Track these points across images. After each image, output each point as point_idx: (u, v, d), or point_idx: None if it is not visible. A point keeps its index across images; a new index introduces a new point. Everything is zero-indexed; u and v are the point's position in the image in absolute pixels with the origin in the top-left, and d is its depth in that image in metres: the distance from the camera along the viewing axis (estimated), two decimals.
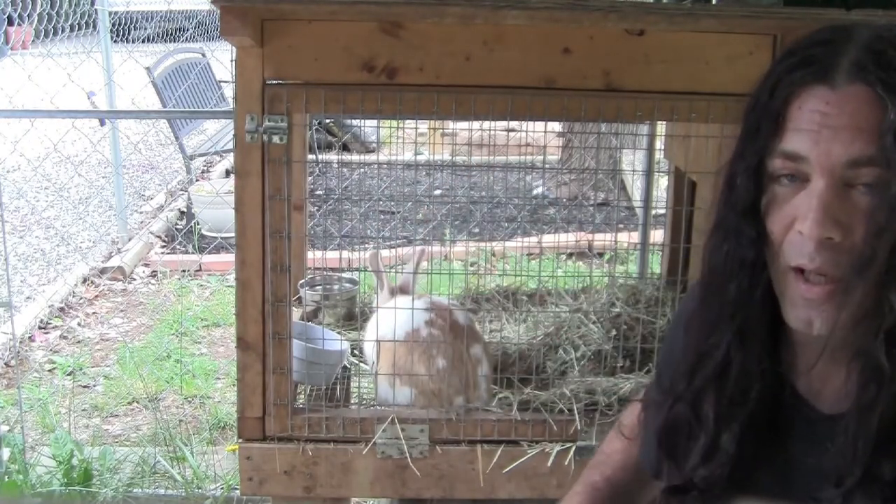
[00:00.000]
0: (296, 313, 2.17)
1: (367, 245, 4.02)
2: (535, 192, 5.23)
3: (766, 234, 0.89)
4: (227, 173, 6.42)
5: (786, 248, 0.86)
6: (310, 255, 2.52)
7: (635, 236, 3.26)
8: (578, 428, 1.74)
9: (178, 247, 5.09)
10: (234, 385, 2.44)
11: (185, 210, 5.63)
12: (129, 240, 5.17)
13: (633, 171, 4.71)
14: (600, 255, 4.45)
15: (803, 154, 0.83)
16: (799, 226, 0.84)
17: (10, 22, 6.62)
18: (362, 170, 3.68)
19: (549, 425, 1.74)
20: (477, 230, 4.75)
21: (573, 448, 1.73)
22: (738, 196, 0.90)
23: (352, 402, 1.95)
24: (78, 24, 6.17)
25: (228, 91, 6.36)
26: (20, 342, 3.75)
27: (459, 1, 1.48)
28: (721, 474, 0.95)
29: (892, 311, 0.80)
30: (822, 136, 0.82)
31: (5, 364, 3.61)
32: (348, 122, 6.37)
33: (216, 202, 4.68)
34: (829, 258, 0.83)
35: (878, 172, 0.81)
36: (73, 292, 4.43)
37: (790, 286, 0.87)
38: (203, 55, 6.61)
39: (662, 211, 2.99)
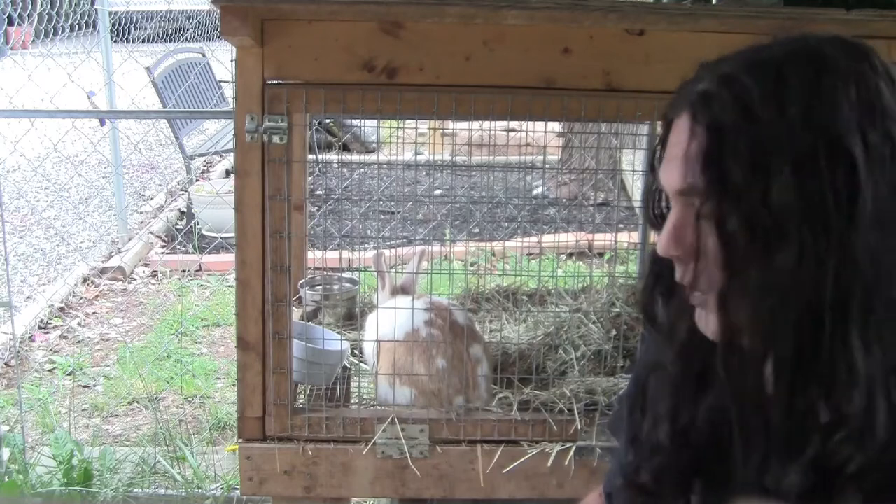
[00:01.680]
0: (296, 313, 2.17)
1: (367, 245, 4.02)
2: (535, 192, 5.23)
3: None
4: (227, 173, 6.42)
5: None
6: (310, 255, 2.52)
7: (635, 236, 3.25)
8: (578, 428, 1.74)
9: (178, 247, 5.09)
10: (234, 385, 2.44)
11: (185, 210, 5.62)
12: (129, 240, 5.17)
13: (633, 171, 4.70)
14: (600, 255, 4.45)
15: (660, 182, 0.91)
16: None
17: (10, 22, 6.62)
18: (362, 170, 3.68)
19: (549, 425, 1.74)
20: (477, 230, 4.75)
21: (573, 448, 1.73)
22: (648, 213, 0.97)
23: (352, 402, 1.95)
24: (78, 24, 6.17)
25: (228, 91, 6.36)
26: (20, 342, 3.76)
27: (459, 1, 1.48)
28: (664, 466, 0.98)
29: (722, 326, 0.85)
30: (667, 166, 0.88)
31: (5, 364, 3.61)
32: (348, 122, 6.37)
33: (216, 202, 4.68)
34: (682, 272, 0.88)
35: (698, 199, 0.84)
36: (73, 292, 4.43)
37: None
38: (203, 55, 6.61)
39: None
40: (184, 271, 4.69)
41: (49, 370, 3.66)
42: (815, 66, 0.81)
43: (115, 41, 5.85)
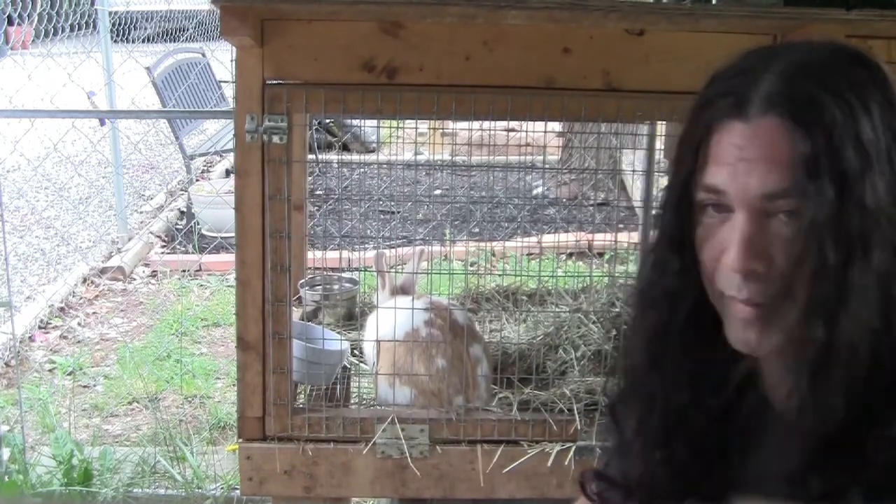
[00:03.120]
0: (296, 313, 2.17)
1: (367, 245, 4.02)
2: (535, 192, 5.23)
3: (694, 264, 0.90)
4: (227, 173, 6.41)
5: (718, 276, 0.88)
6: (310, 255, 2.52)
7: (635, 236, 3.25)
8: (578, 428, 1.74)
9: (178, 247, 5.09)
10: (234, 385, 2.44)
11: (185, 210, 5.62)
12: (129, 240, 5.16)
13: (633, 171, 4.71)
14: (600, 255, 4.45)
15: (722, 188, 0.85)
16: (724, 258, 0.86)
17: (10, 22, 6.62)
18: (362, 170, 3.68)
19: (549, 425, 1.74)
20: (477, 230, 4.75)
21: (573, 448, 1.73)
22: (664, 227, 0.93)
23: (352, 402, 1.96)
24: (78, 24, 6.17)
25: (228, 91, 6.36)
26: (20, 342, 3.75)
27: (459, 1, 1.48)
28: (664, 485, 0.97)
29: (817, 342, 0.82)
30: (738, 170, 0.83)
31: (5, 364, 3.61)
32: (348, 122, 6.36)
33: (216, 202, 4.68)
34: (755, 288, 0.85)
35: (793, 202, 0.82)
36: (73, 292, 4.43)
37: (727, 308, 0.89)
38: (203, 55, 6.60)
39: None
40: (184, 271, 4.69)
41: (49, 370, 3.66)
42: (867, 68, 0.84)
43: (115, 41, 5.85)
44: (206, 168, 6.83)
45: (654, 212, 1.02)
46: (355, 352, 2.12)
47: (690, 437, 0.95)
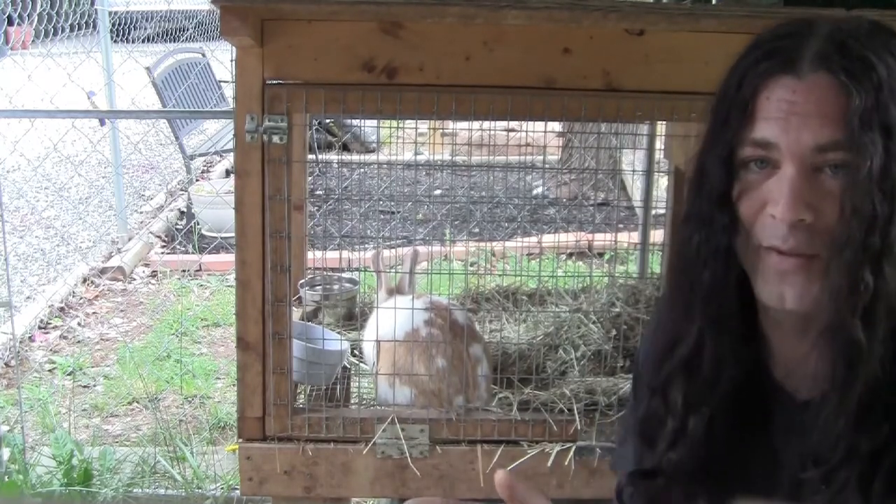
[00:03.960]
0: (296, 313, 2.17)
1: (367, 245, 4.02)
2: (535, 192, 5.23)
3: (737, 222, 0.92)
4: (227, 173, 6.41)
5: (757, 229, 0.90)
6: (310, 255, 2.52)
7: (635, 236, 3.26)
8: (578, 428, 1.74)
9: (178, 247, 5.09)
10: (234, 385, 2.45)
11: (185, 210, 5.62)
12: (129, 240, 5.16)
13: (633, 171, 4.71)
14: (600, 255, 4.45)
15: (773, 141, 0.87)
16: (771, 209, 0.87)
17: (10, 22, 6.62)
18: (362, 170, 3.68)
19: (549, 425, 1.74)
20: (477, 230, 4.75)
21: (573, 448, 1.73)
22: (710, 185, 0.93)
23: (352, 402, 1.96)
24: (78, 24, 6.17)
25: (228, 91, 6.35)
26: (20, 342, 3.75)
27: (459, 1, 1.48)
28: (688, 459, 0.97)
29: (867, 289, 0.83)
30: (790, 124, 0.86)
31: (5, 364, 3.60)
32: (348, 122, 6.36)
33: (216, 202, 4.68)
34: (802, 239, 0.86)
35: (844, 155, 0.84)
36: (73, 292, 4.43)
37: (762, 261, 0.90)
38: (203, 55, 6.60)
39: (662, 211, 2.99)
40: (184, 271, 4.69)
41: (49, 370, 3.66)
42: (893, 34, 0.89)
43: (115, 41, 5.85)
44: (206, 168, 6.83)
45: (689, 173, 1.02)
46: (355, 352, 2.11)
47: (733, 404, 0.96)
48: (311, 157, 3.83)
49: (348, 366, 2.03)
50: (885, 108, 0.83)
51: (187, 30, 8.98)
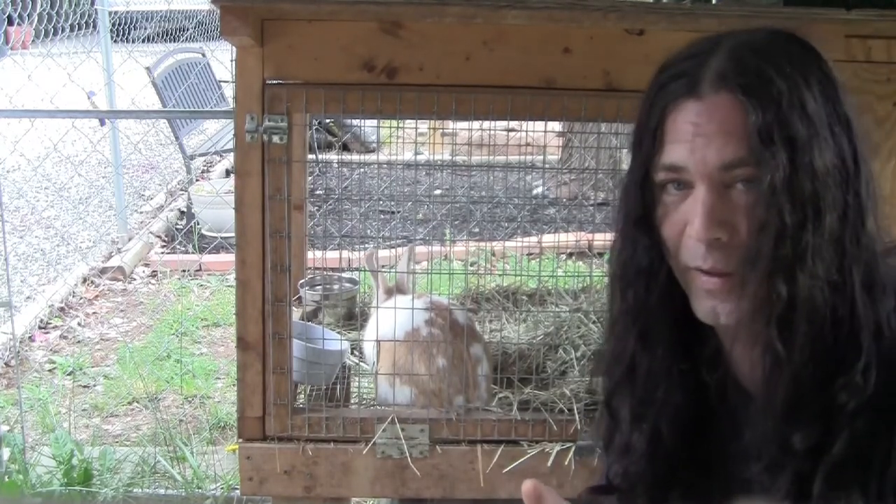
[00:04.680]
0: (296, 313, 2.17)
1: (367, 245, 4.02)
2: (535, 192, 5.22)
3: (660, 241, 0.95)
4: (227, 173, 6.41)
5: (682, 250, 0.92)
6: (310, 255, 2.52)
7: None
8: (578, 428, 1.74)
9: (178, 247, 5.09)
10: (234, 385, 2.44)
11: (185, 210, 5.62)
12: (129, 240, 5.16)
13: None
14: (600, 255, 4.44)
15: (682, 164, 0.90)
16: (688, 230, 0.90)
17: (10, 22, 6.62)
18: (362, 170, 3.68)
19: (549, 425, 1.74)
20: (477, 230, 4.75)
21: (573, 448, 1.73)
22: (629, 208, 0.97)
23: (352, 402, 1.95)
24: (78, 24, 6.17)
25: (228, 91, 6.35)
26: (20, 342, 3.75)
27: (459, 1, 1.48)
28: (641, 471, 1.00)
29: (780, 299, 0.86)
30: (696, 145, 0.88)
31: (5, 364, 3.61)
32: (348, 122, 6.36)
33: (216, 202, 4.68)
34: (719, 257, 0.89)
35: (749, 171, 0.87)
36: (73, 292, 4.43)
37: (692, 282, 0.93)
38: (203, 55, 6.60)
39: None
40: (184, 271, 4.69)
41: (49, 370, 3.66)
42: (803, 47, 0.90)
43: (115, 41, 5.84)
44: (206, 168, 6.83)
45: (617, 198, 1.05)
46: (354, 352, 2.11)
47: (673, 417, 0.99)
48: (311, 157, 3.83)
49: (349, 363, 2.03)
50: (786, 120, 0.85)
51: (187, 30, 8.98)
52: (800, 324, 0.86)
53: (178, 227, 5.37)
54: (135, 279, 4.75)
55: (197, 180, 6.18)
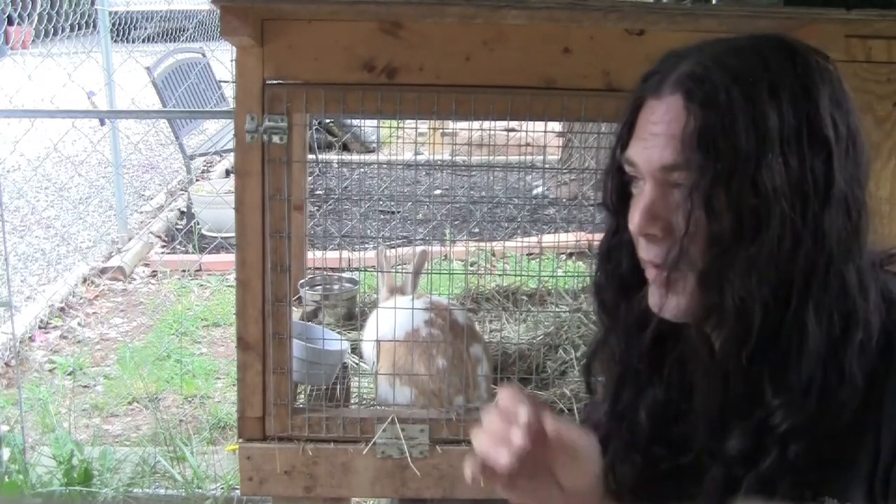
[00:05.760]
0: (296, 313, 2.17)
1: (367, 245, 4.02)
2: (535, 192, 5.22)
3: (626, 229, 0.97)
4: (227, 173, 6.41)
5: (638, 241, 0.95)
6: (310, 255, 2.52)
7: None
8: None
9: (178, 247, 5.09)
10: (234, 385, 2.44)
11: (185, 210, 5.62)
12: (129, 240, 5.17)
13: None
14: None
15: (634, 160, 0.93)
16: (629, 223, 0.93)
17: (10, 22, 6.62)
18: (362, 170, 3.68)
19: None
20: (477, 230, 4.75)
21: None
22: (605, 195, 1.01)
23: (352, 402, 1.95)
24: (78, 24, 6.16)
25: (228, 91, 6.36)
26: (20, 342, 3.75)
27: (459, 1, 1.48)
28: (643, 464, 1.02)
29: (707, 305, 0.89)
30: (647, 144, 0.91)
31: (5, 364, 3.61)
32: (348, 122, 6.36)
33: (216, 202, 4.68)
34: (656, 251, 0.92)
35: (684, 175, 0.88)
36: (73, 292, 4.43)
37: (646, 271, 0.96)
38: (203, 55, 6.60)
39: None
40: (184, 271, 4.69)
41: (49, 370, 3.66)
42: (793, 58, 0.88)
43: (115, 41, 5.85)
44: (206, 168, 6.83)
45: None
46: (354, 352, 2.11)
47: (639, 389, 1.02)
48: (311, 157, 3.83)
49: (349, 362, 2.03)
50: (730, 131, 0.85)
51: (187, 30, 8.98)
52: (729, 333, 0.88)
53: (178, 227, 5.37)
54: (135, 279, 4.75)
55: (197, 180, 6.18)
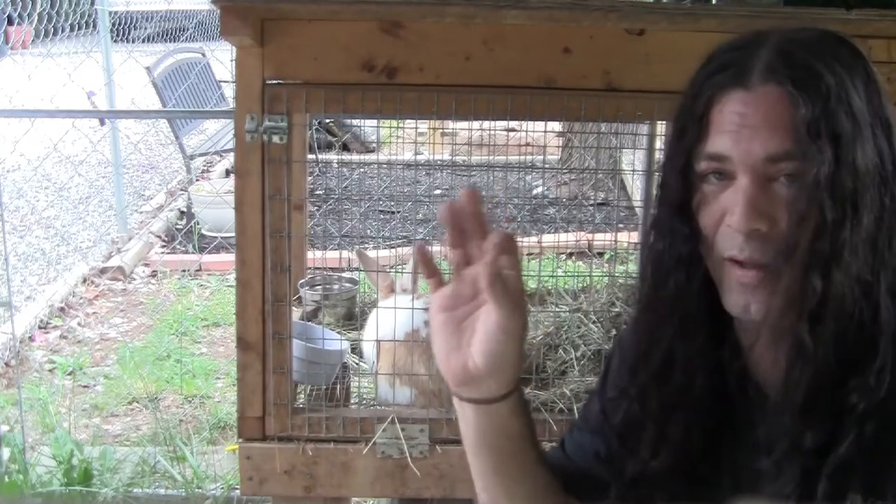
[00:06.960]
0: (296, 313, 2.17)
1: (367, 245, 4.02)
2: (535, 191, 5.22)
3: (698, 230, 0.94)
4: (227, 173, 6.41)
5: (718, 240, 0.92)
6: (310, 255, 2.52)
7: (635, 236, 3.26)
8: None
9: (178, 247, 5.09)
10: (234, 385, 2.44)
11: (185, 210, 5.62)
12: (129, 240, 5.17)
13: (633, 171, 4.71)
14: (600, 254, 4.45)
15: (726, 154, 0.89)
16: (728, 220, 0.90)
17: (10, 22, 6.63)
18: (362, 170, 3.68)
19: (549, 425, 1.74)
20: None
21: None
22: (669, 196, 0.96)
23: (352, 402, 1.95)
24: (78, 23, 6.17)
25: (228, 91, 6.36)
26: (20, 342, 3.75)
27: (459, 1, 1.48)
28: (670, 463, 0.99)
29: (814, 293, 0.86)
30: (741, 136, 0.88)
31: (5, 364, 3.61)
32: (348, 122, 6.36)
33: (216, 202, 4.68)
34: (757, 248, 0.89)
35: (794, 165, 0.87)
36: (73, 292, 4.43)
37: (726, 274, 0.92)
38: (203, 55, 6.60)
39: None
40: (184, 271, 4.69)
41: (49, 370, 3.66)
42: (848, 45, 0.91)
43: (115, 41, 5.85)
44: (206, 168, 6.83)
45: (655, 185, 1.04)
46: (354, 352, 2.11)
47: (706, 407, 0.98)
48: (311, 157, 3.83)
49: (349, 363, 2.03)
50: (833, 116, 0.85)
51: (187, 30, 8.98)
52: (829, 321, 0.86)
53: (178, 227, 5.38)
54: (135, 279, 4.76)
55: (197, 180, 6.18)
